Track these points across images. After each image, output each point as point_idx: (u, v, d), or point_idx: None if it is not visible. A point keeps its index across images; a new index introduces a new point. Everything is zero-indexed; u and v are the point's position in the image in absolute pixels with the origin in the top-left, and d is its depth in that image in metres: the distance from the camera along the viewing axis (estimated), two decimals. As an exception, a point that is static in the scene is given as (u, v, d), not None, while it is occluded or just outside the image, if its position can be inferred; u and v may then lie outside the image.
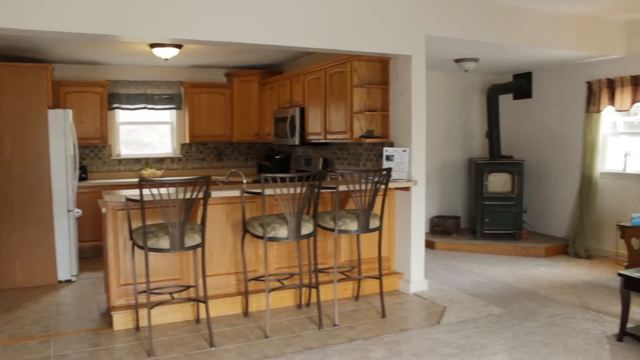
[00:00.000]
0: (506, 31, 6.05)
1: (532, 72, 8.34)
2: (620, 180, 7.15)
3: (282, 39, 4.97)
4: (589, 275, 6.39)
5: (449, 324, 4.74)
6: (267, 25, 4.87)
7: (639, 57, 6.79)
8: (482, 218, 7.86)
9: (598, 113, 7.20)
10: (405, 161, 5.57)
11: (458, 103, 8.79)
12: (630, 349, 4.17)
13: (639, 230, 6.07)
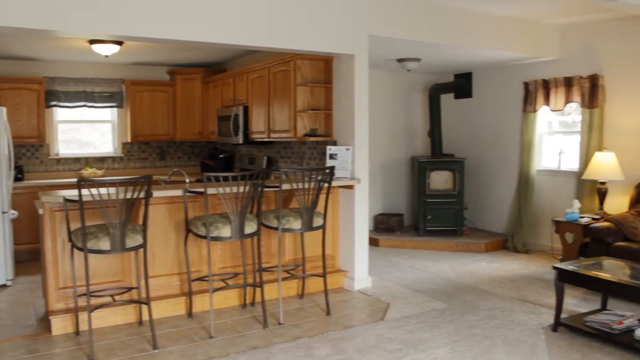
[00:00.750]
0: (447, 32, 6.18)
1: (472, 72, 8.54)
2: (555, 177, 7.41)
3: (226, 37, 4.93)
4: (526, 269, 6.60)
5: (393, 319, 4.81)
6: (210, 23, 4.82)
7: (571, 59, 7.05)
8: (424, 215, 8.00)
9: (534, 112, 7.44)
10: (349, 160, 5.62)
11: (401, 102, 8.92)
12: (564, 338, 4.33)
13: (572, 225, 6.31)
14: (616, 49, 6.64)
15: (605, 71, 6.73)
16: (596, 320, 4.37)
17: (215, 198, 4.75)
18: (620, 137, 6.61)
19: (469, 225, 8.34)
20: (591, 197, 6.76)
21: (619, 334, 4.20)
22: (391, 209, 8.83)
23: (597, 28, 6.79)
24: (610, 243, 5.54)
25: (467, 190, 8.34)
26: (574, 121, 7.27)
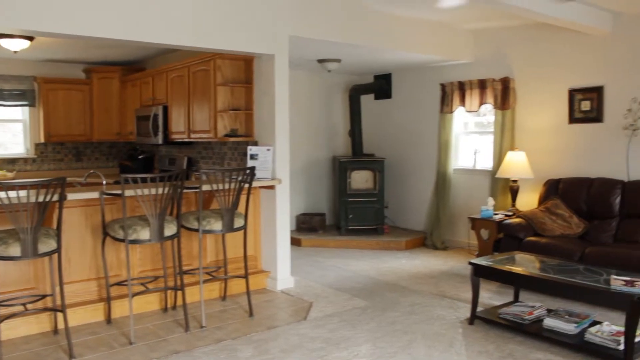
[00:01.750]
0: (367, 34, 6.28)
1: (392, 73, 8.72)
2: (471, 175, 7.69)
3: (143, 35, 4.80)
4: (445, 265, 6.80)
5: (316, 319, 4.84)
6: (126, 20, 4.68)
7: (484, 63, 7.34)
8: (346, 214, 8.10)
9: (451, 113, 7.68)
10: (270, 160, 5.61)
11: (322, 102, 9.00)
12: (479, 331, 4.50)
13: (487, 221, 6.56)
14: (524, 53, 6.97)
15: (515, 74, 7.05)
16: (509, 312, 4.57)
17: (134, 200, 4.63)
18: (529, 137, 6.94)
19: (389, 224, 8.51)
20: (504, 194, 7.06)
21: (529, 324, 4.41)
22: (313, 209, 8.89)
23: (507, 34, 7.10)
24: (522, 238, 5.79)
25: (388, 189, 8.51)
26: (488, 122, 7.56)
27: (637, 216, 5.68)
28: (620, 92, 6.15)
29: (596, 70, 6.34)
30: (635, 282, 3.85)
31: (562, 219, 5.97)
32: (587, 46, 6.40)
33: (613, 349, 3.90)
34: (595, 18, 5.92)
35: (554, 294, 5.00)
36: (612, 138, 6.23)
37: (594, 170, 6.30)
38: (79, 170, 8.73)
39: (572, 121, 6.57)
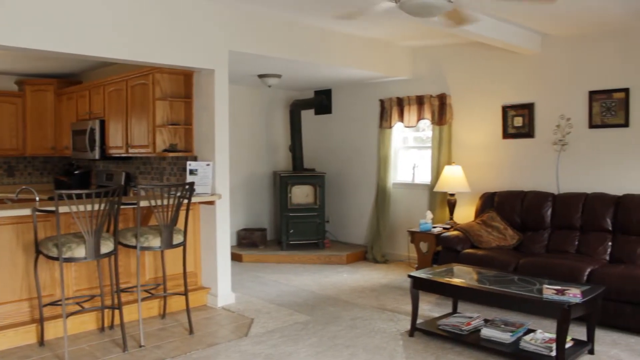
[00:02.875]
0: (307, 50, 6.33)
1: (332, 89, 8.81)
2: (410, 189, 7.83)
3: (79, 47, 4.67)
4: (385, 279, 6.88)
5: (257, 335, 4.80)
6: (61, 32, 4.55)
7: (422, 79, 7.53)
8: (287, 229, 8.09)
9: (390, 129, 7.82)
10: (209, 175, 5.56)
11: (262, 117, 9.00)
12: (419, 342, 4.56)
13: (426, 235, 6.69)
14: (460, 70, 7.19)
15: (452, 90, 7.25)
16: (448, 323, 4.66)
17: (69, 217, 4.49)
18: (466, 152, 7.14)
19: (330, 238, 8.55)
20: (442, 208, 7.22)
21: (467, 334, 4.51)
22: (254, 224, 8.85)
23: (444, 51, 7.30)
24: (460, 250, 5.93)
25: (328, 203, 8.56)
26: (427, 137, 7.72)
27: (567, 227, 5.91)
28: (549, 109, 6.42)
29: (527, 88, 6.60)
30: (566, 290, 4.00)
31: (498, 231, 6.15)
32: (519, 65, 6.66)
33: (546, 355, 4.03)
34: (525, 39, 6.18)
35: (490, 304, 5.11)
36: (543, 153, 6.48)
37: (526, 183, 6.54)
38: (10, 185, 8.41)
39: (505, 136, 6.80)
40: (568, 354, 4.01)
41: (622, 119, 5.91)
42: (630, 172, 5.87)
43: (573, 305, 3.88)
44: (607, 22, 5.73)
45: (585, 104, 6.15)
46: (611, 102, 5.96)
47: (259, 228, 8.64)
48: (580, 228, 5.84)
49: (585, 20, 5.72)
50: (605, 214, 5.68)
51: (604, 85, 6.02)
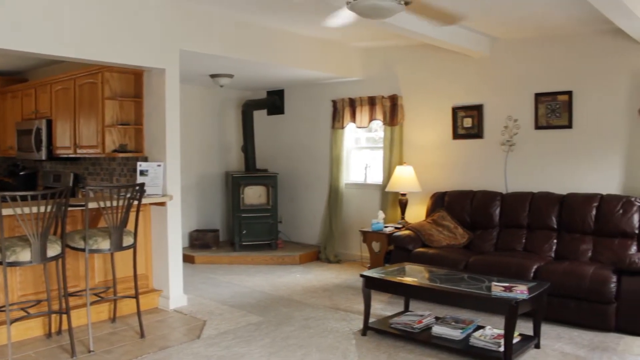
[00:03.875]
0: (259, 50, 6.32)
1: (284, 89, 8.81)
2: (363, 190, 7.89)
3: (23, 44, 4.53)
4: (338, 279, 6.92)
5: (209, 337, 4.76)
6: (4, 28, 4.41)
7: (373, 80, 7.60)
8: (240, 230, 8.05)
9: (342, 129, 7.86)
10: (160, 176, 5.48)
11: (215, 117, 8.93)
12: (372, 341, 4.61)
13: (378, 234, 6.75)
14: (412, 72, 7.29)
15: (403, 92, 7.35)
16: (400, 321, 4.72)
17: (13, 219, 4.36)
18: (417, 152, 7.25)
19: (283, 239, 8.55)
20: (394, 207, 7.30)
21: (419, 332, 4.57)
22: (206, 225, 8.77)
23: (395, 53, 7.39)
24: (411, 250, 6.01)
25: (281, 204, 8.56)
26: (379, 137, 7.79)
27: (515, 226, 6.06)
28: (497, 111, 6.58)
29: (477, 90, 6.74)
30: (513, 287, 4.10)
31: (448, 230, 6.26)
32: (468, 67, 6.79)
33: (495, 350, 4.13)
34: (475, 42, 6.31)
35: (441, 302, 5.20)
36: (491, 153, 6.63)
37: (476, 183, 6.68)
38: (-50, 188, 8.11)
39: (455, 137, 6.93)
40: (515, 349, 4.12)
41: (566, 120, 6.10)
42: (574, 172, 6.06)
43: (520, 301, 3.98)
44: (552, 28, 5.91)
45: (532, 105, 6.32)
46: (556, 104, 6.15)
47: (211, 229, 8.57)
48: (527, 226, 6.00)
49: (532, 25, 5.88)
50: (550, 212, 5.85)
51: (549, 87, 6.20)
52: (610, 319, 4.77)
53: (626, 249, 5.33)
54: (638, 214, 5.40)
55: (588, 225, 5.61)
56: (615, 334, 4.76)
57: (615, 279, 4.80)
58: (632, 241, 5.38)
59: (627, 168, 5.80)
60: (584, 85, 5.99)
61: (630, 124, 5.74)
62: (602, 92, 5.89)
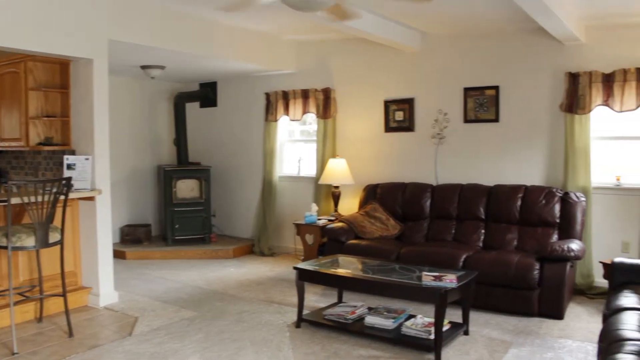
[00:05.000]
0: (191, 41, 6.22)
1: (217, 81, 8.71)
2: (296, 182, 7.92)
3: None
4: (272, 272, 6.92)
5: (141, 333, 4.67)
6: None
7: (307, 73, 7.62)
8: (172, 224, 7.92)
9: (275, 122, 7.85)
10: (88, 170, 5.32)
11: (146, 110, 8.73)
12: (306, 333, 4.64)
13: (311, 227, 6.80)
14: (344, 65, 7.35)
15: (335, 85, 7.40)
16: (333, 313, 4.78)
17: None
18: (349, 145, 7.32)
19: (217, 232, 8.48)
20: (327, 200, 7.36)
21: (352, 322, 4.64)
22: (138, 220, 8.58)
23: (328, 46, 7.43)
24: (344, 241, 6.07)
25: (215, 197, 8.48)
26: (313, 130, 7.82)
27: (445, 217, 6.23)
28: (428, 104, 6.73)
29: (408, 84, 6.87)
30: (443, 277, 4.22)
31: (380, 222, 6.36)
32: (400, 61, 6.91)
33: (425, 338, 4.24)
34: (406, 37, 6.43)
35: (374, 293, 5.28)
36: (422, 146, 6.78)
37: (407, 175, 6.81)
38: None
39: (387, 130, 7.05)
40: (445, 336, 4.24)
41: (493, 114, 6.31)
42: (501, 164, 6.29)
43: (449, 290, 4.10)
44: (480, 25, 6.09)
45: (461, 100, 6.50)
46: (483, 99, 6.35)
47: (143, 224, 8.40)
48: (456, 217, 6.18)
49: (461, 22, 6.05)
50: (478, 203, 6.05)
51: (477, 82, 6.39)
52: (533, 304, 4.99)
53: (548, 237, 5.58)
54: (559, 204, 5.65)
55: (514, 215, 5.83)
56: (538, 318, 4.98)
57: (538, 266, 5.01)
58: (554, 230, 5.64)
59: (549, 160, 6.06)
60: (510, 81, 6.21)
61: (552, 118, 6.00)
62: (526, 87, 6.13)
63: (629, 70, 5.48)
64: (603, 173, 5.92)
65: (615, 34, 5.63)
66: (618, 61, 5.57)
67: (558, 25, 5.10)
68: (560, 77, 5.89)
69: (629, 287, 4.01)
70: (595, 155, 5.85)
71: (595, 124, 5.83)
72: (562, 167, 5.92)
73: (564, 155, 5.88)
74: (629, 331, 3.11)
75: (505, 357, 4.13)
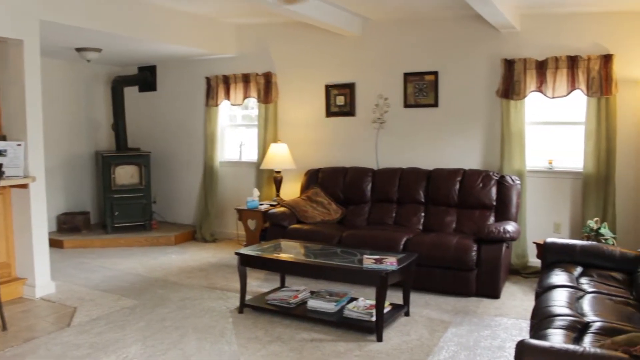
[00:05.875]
0: (129, 23, 6.06)
1: (157, 65, 8.52)
2: (237, 168, 7.87)
3: None
4: (214, 258, 6.88)
5: (80, 324, 4.57)
6: None
7: (248, 57, 7.55)
8: (111, 211, 7.76)
9: (216, 106, 7.77)
10: (21, 156, 5.13)
11: (82, 94, 8.47)
12: (249, 318, 4.64)
13: (253, 212, 6.78)
14: (286, 49, 7.32)
15: (277, 69, 7.37)
16: (276, 297, 4.80)
17: None
18: (291, 130, 7.32)
19: (158, 219, 8.35)
20: (269, 185, 7.36)
21: (295, 307, 4.67)
22: (76, 207, 8.35)
23: (269, 30, 7.38)
24: (286, 226, 6.09)
25: (155, 183, 8.33)
26: (255, 115, 7.77)
27: (386, 200, 6.33)
28: (368, 89, 6.79)
29: (349, 68, 6.91)
30: (384, 259, 4.29)
31: (322, 206, 6.41)
32: (341, 46, 6.93)
33: (367, 320, 4.32)
34: (347, 21, 6.45)
35: (316, 277, 5.33)
36: (363, 130, 6.84)
37: (349, 160, 6.87)
38: None
39: (329, 115, 7.08)
40: (386, 318, 4.33)
41: (432, 99, 6.42)
42: (439, 148, 6.42)
43: (390, 272, 4.17)
44: (420, 10, 6.17)
45: (401, 85, 6.59)
46: (423, 84, 6.45)
47: (81, 212, 8.18)
48: (397, 201, 6.28)
49: (401, 7, 6.11)
50: (418, 187, 6.16)
51: (416, 68, 6.49)
52: (471, 284, 5.15)
53: (485, 219, 5.75)
54: (496, 187, 5.83)
55: (452, 198, 5.97)
56: (475, 298, 5.15)
57: (475, 247, 5.16)
58: (491, 212, 5.81)
59: (486, 144, 6.23)
60: (449, 67, 6.33)
61: (489, 103, 6.16)
62: (464, 73, 6.26)
63: (561, 58, 5.67)
64: (537, 157, 6.13)
65: (549, 23, 5.81)
66: (551, 49, 5.76)
67: (494, 12, 5.22)
68: (497, 64, 6.04)
69: (559, 265, 4.19)
70: (530, 140, 6.05)
71: (529, 110, 6.03)
72: (498, 151, 6.09)
73: (500, 140, 6.05)
74: (559, 307, 3.26)
75: (444, 336, 4.25)
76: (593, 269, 4.13)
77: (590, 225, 5.26)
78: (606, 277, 4.00)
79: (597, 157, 5.63)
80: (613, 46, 5.54)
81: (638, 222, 5.63)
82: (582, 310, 3.27)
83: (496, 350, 3.98)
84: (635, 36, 5.50)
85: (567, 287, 3.68)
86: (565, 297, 3.46)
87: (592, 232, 5.21)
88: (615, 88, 5.49)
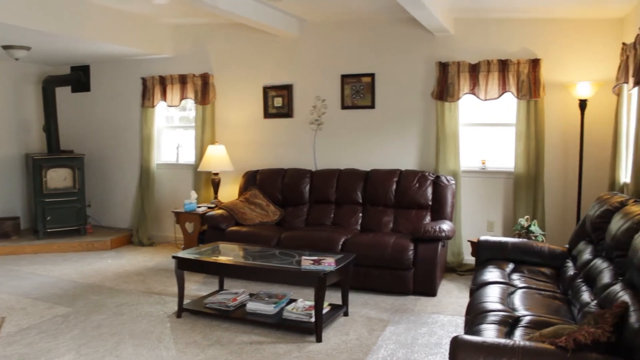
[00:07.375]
0: (59, 21, 5.86)
1: (90, 65, 8.30)
2: (175, 170, 7.76)
3: None
4: (152, 262, 6.76)
5: (9, 334, 4.40)
6: None
7: (185, 58, 7.46)
8: (43, 216, 7.50)
9: (152, 108, 7.63)
10: (-55, 160, 4.92)
11: (11, 94, 8.15)
12: (187, 323, 4.59)
13: (191, 214, 6.70)
14: (223, 50, 7.27)
15: (214, 70, 7.31)
16: (214, 301, 4.76)
17: None
18: (229, 131, 7.29)
19: (93, 223, 8.14)
20: (207, 187, 7.29)
21: (234, 310, 4.65)
22: (5, 212, 8.03)
23: (207, 31, 7.31)
24: (224, 229, 6.04)
25: (90, 187, 8.12)
26: (193, 116, 7.66)
27: (324, 201, 6.38)
28: (306, 90, 6.83)
29: (287, 70, 6.92)
30: (322, 260, 4.33)
31: (261, 208, 6.39)
32: (279, 47, 6.94)
33: (306, 321, 4.33)
34: (284, 23, 6.46)
35: (255, 279, 5.33)
36: (301, 132, 6.87)
37: (287, 161, 6.89)
38: None
39: (267, 116, 7.08)
40: (325, 318, 4.36)
41: (369, 101, 6.51)
42: (377, 149, 6.51)
43: (328, 273, 4.21)
44: (357, 13, 6.25)
45: (338, 86, 6.65)
46: (360, 86, 6.53)
47: (10, 217, 7.87)
48: (335, 202, 6.34)
49: (338, 10, 6.17)
50: (356, 188, 6.23)
51: (354, 69, 6.56)
52: (409, 283, 5.24)
53: (421, 219, 5.87)
54: (431, 187, 5.96)
55: (389, 198, 6.07)
56: (413, 296, 5.26)
57: (412, 247, 5.26)
58: (427, 212, 5.94)
59: (422, 145, 6.36)
60: (386, 69, 6.44)
61: (425, 105, 6.29)
62: (401, 75, 6.38)
63: (492, 61, 5.86)
64: (470, 158, 6.31)
65: (481, 27, 6.00)
66: (483, 53, 5.94)
67: (428, 16, 5.34)
68: (432, 66, 6.18)
69: (492, 262, 4.33)
70: (464, 141, 6.21)
71: (463, 112, 6.19)
72: (434, 151, 6.23)
73: (435, 141, 6.19)
74: (491, 303, 3.37)
75: (383, 334, 4.31)
76: (524, 265, 4.30)
77: (521, 223, 5.46)
78: (536, 272, 4.17)
79: (527, 157, 5.84)
80: (540, 51, 5.76)
81: (565, 220, 5.88)
82: (513, 305, 3.39)
83: (433, 347, 4.07)
84: (560, 42, 5.74)
85: (499, 284, 3.81)
86: (498, 293, 3.58)
87: (523, 229, 5.41)
88: (542, 91, 5.71)
